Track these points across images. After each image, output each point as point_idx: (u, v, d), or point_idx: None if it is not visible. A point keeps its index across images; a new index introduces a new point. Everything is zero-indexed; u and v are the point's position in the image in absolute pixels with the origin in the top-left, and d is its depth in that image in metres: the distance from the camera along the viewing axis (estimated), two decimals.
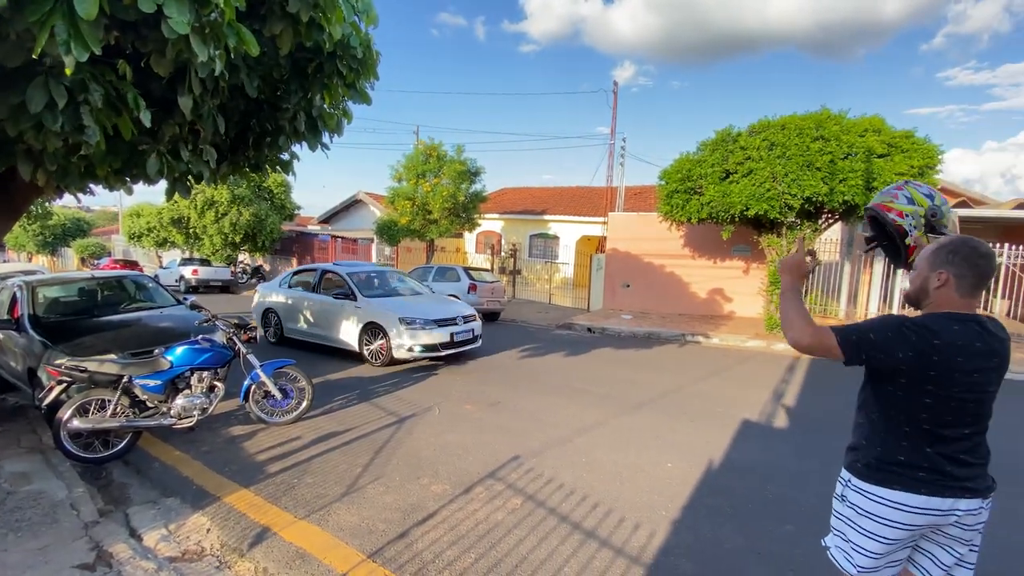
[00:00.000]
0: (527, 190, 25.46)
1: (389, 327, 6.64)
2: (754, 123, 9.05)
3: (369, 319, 6.85)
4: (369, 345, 6.88)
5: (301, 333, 7.80)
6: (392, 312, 6.77)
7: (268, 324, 8.30)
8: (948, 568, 1.60)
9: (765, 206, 8.48)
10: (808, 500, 3.33)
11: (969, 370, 1.46)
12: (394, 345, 6.58)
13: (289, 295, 8.04)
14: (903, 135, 8.37)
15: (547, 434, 4.40)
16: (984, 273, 1.51)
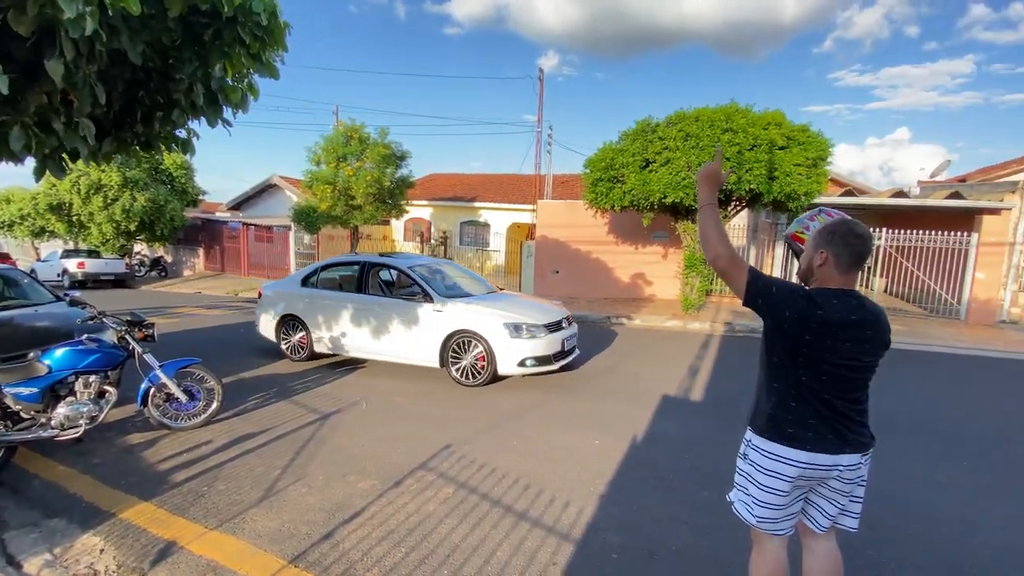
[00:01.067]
0: (457, 176, 25.13)
1: (491, 336, 5.28)
2: (671, 115, 9.48)
3: (457, 327, 5.43)
4: (458, 359, 5.46)
5: (345, 347, 6.11)
6: (492, 315, 5.40)
7: (288, 336, 6.45)
8: (834, 517, 1.78)
9: (681, 194, 8.96)
10: (724, 468, 3.57)
11: (845, 340, 1.61)
12: (499, 358, 5.27)
13: (319, 298, 6.29)
14: (800, 129, 9.15)
15: (479, 420, 4.39)
16: (859, 252, 1.66)
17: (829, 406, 1.64)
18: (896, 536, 2.73)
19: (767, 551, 1.80)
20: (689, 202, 9.07)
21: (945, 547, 2.67)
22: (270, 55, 3.38)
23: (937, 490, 3.30)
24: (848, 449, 1.66)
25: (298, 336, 6.42)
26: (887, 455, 3.81)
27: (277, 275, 18.26)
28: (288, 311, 6.47)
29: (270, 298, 6.76)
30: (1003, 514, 3.02)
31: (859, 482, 1.75)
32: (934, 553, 2.61)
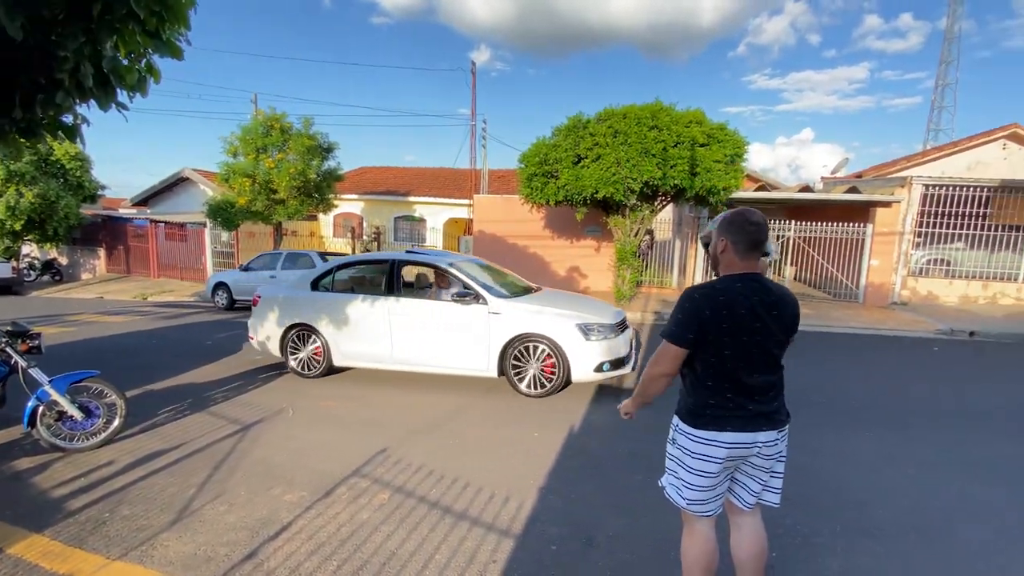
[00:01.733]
0: (390, 170, 24.45)
1: (562, 339, 4.78)
2: (600, 112, 9.72)
3: (521, 330, 4.85)
4: (521, 368, 4.92)
5: (375, 358, 5.37)
6: (560, 316, 4.89)
7: (298, 349, 5.60)
8: (758, 493, 1.89)
9: (612, 189, 9.22)
10: (655, 452, 3.72)
11: (752, 321, 1.71)
12: (573, 364, 4.77)
13: (338, 303, 5.46)
14: (718, 127, 9.67)
15: (416, 421, 4.29)
16: (755, 238, 1.78)
17: (744, 386, 1.74)
18: (811, 506, 2.95)
19: (697, 532, 1.88)
20: (619, 197, 9.36)
21: (855, 513, 2.92)
22: (171, 33, 3.06)
23: (846, 461, 3.61)
24: (765, 426, 1.77)
25: (311, 348, 5.55)
26: (801, 430, 4.14)
27: (192, 276, 16.91)
28: (297, 320, 5.55)
29: (271, 305, 5.76)
30: (904, 481, 3.36)
31: (778, 458, 1.86)
32: (844, 519, 2.84)
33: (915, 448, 3.84)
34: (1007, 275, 11.34)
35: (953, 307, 11.06)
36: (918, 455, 3.70)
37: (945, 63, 28.88)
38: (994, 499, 3.05)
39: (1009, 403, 4.99)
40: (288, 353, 5.67)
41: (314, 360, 5.59)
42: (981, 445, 3.89)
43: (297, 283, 5.93)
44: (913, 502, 3.03)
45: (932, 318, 9.67)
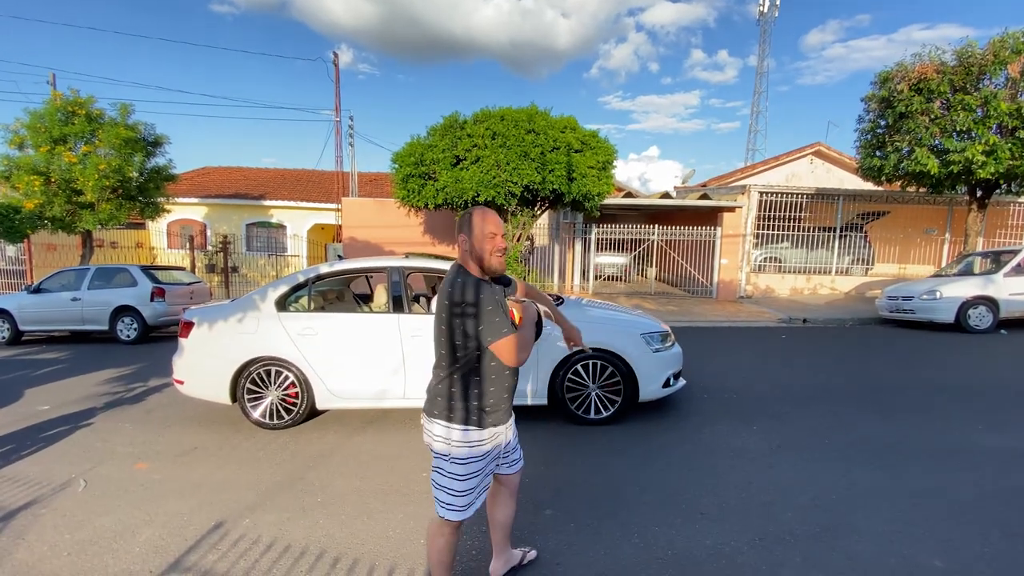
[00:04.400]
0: (240, 171, 21.62)
1: (630, 352, 4.18)
2: (478, 112, 9.38)
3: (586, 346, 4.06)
4: (579, 389, 4.22)
5: (383, 394, 4.17)
6: (623, 325, 4.39)
7: (261, 392, 4.23)
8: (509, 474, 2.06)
9: (493, 192, 8.90)
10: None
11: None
12: (643, 380, 4.20)
13: (325, 325, 4.20)
14: (591, 135, 9.92)
15: (269, 477, 3.37)
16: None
17: (505, 378, 1.84)
18: (725, 516, 2.76)
19: (452, 531, 1.86)
20: (501, 200, 9.07)
21: (764, 519, 2.78)
22: None
23: (741, 457, 3.56)
24: (505, 418, 1.92)
25: (280, 391, 4.23)
26: (691, 425, 4.09)
27: None
28: (261, 352, 4.18)
29: (214, 334, 4.27)
30: (798, 475, 3.37)
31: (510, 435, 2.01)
32: (758, 527, 2.68)
33: (798, 437, 3.97)
34: (822, 268, 13.41)
35: (786, 298, 12.73)
36: (802, 444, 3.82)
37: (757, 93, 34.29)
38: (879, 484, 3.17)
39: (853, 382, 5.57)
40: (244, 398, 4.22)
41: (287, 404, 4.24)
42: (849, 428, 4.16)
43: (253, 302, 4.37)
44: (811, 498, 3.02)
45: (772, 309, 10.96)
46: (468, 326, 1.70)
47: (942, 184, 10.36)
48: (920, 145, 9.82)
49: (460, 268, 1.81)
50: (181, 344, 4.39)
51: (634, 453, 3.69)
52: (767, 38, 34.73)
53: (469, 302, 1.71)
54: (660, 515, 2.82)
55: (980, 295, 8.30)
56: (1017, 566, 2.36)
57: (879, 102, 10.62)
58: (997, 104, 9.20)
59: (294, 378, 4.19)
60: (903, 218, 13.79)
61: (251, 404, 4.22)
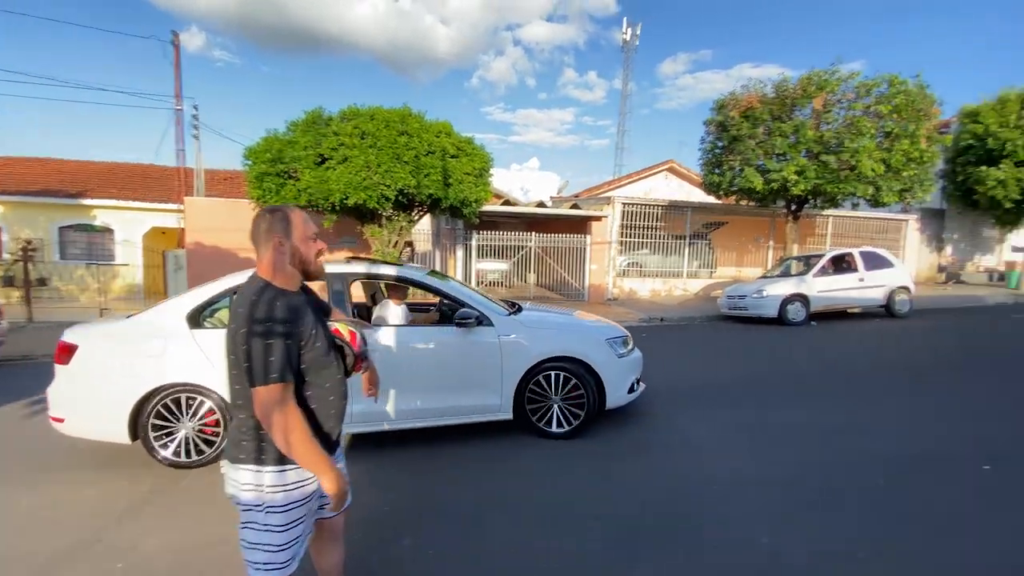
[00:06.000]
0: (54, 163, 17.93)
1: (596, 358, 4.07)
2: (345, 109, 8.80)
3: (546, 353, 3.98)
4: (540, 401, 4.02)
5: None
6: (584, 331, 4.34)
7: (173, 424, 3.48)
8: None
9: (364, 195, 8.39)
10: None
11: (311, 324, 1.52)
12: (609, 386, 4.08)
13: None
14: (466, 141, 9.86)
15: (54, 542, 2.65)
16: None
17: (331, 404, 1.61)
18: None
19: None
20: (373, 205, 8.59)
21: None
22: None
23: (589, 457, 3.65)
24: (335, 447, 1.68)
25: (197, 421, 3.53)
26: (608, 441, 4.14)
27: None
28: (171, 379, 3.46)
29: (106, 358, 3.49)
30: (650, 470, 3.53)
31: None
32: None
33: (723, 433, 4.18)
34: (676, 272, 14.90)
35: (647, 300, 13.91)
36: (731, 441, 4.04)
37: (622, 114, 37.42)
38: (830, 478, 3.35)
39: (721, 378, 6.14)
40: (151, 434, 3.46)
41: (206, 437, 3.55)
42: (759, 416, 4.50)
43: (156, 318, 3.62)
44: (669, 492, 3.16)
45: (636, 310, 11.87)
46: (275, 350, 1.39)
47: (766, 199, 12.14)
48: (748, 165, 11.40)
49: (262, 280, 1.49)
50: (59, 372, 3.52)
51: (501, 470, 3.60)
52: (630, 64, 38.13)
53: (280, 319, 1.42)
54: (531, 531, 2.73)
55: (795, 293, 9.81)
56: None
57: (716, 126, 12.13)
58: (805, 132, 11.02)
59: (214, 406, 3.54)
60: (738, 228, 15.91)
61: (159, 441, 3.49)
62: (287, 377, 1.40)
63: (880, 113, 10.92)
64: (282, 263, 1.52)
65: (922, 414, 4.58)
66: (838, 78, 11.15)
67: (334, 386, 1.58)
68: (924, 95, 11.27)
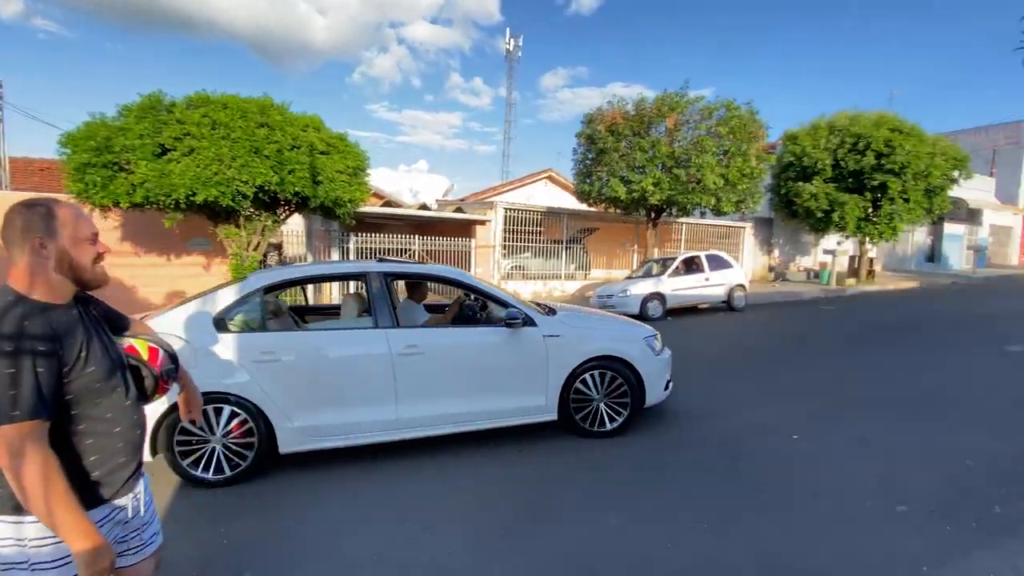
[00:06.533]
0: None
1: (637, 357, 4.13)
2: (192, 95, 7.89)
3: (592, 353, 3.98)
4: (585, 401, 4.01)
5: (368, 427, 3.50)
6: (625, 330, 4.42)
7: (199, 439, 3.25)
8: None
9: (215, 192, 7.57)
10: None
11: (80, 340, 1.31)
12: (649, 384, 4.13)
13: (290, 345, 3.46)
14: (338, 137, 9.39)
15: None
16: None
17: (121, 432, 1.38)
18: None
19: None
20: (227, 202, 7.80)
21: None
22: None
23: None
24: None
25: (226, 431, 3.28)
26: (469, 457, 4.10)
27: None
28: (206, 389, 2.89)
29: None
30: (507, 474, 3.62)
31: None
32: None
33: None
34: (555, 275, 15.66)
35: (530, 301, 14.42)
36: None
37: (507, 122, 38.55)
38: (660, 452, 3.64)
39: None
40: (175, 449, 3.26)
41: (233, 450, 3.37)
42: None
43: (180, 323, 3.37)
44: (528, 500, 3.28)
45: None
46: (22, 379, 1.13)
47: (629, 207, 13.27)
48: (613, 175, 12.39)
49: (12, 292, 1.23)
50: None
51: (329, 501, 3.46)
52: (513, 74, 39.41)
53: (30, 339, 1.16)
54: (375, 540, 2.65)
55: (654, 292, 10.85)
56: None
57: (586, 139, 13.02)
58: (660, 148, 12.25)
59: (247, 416, 3.35)
60: (609, 233, 17.20)
61: (186, 458, 3.28)
62: (40, 412, 1.15)
63: (720, 134, 12.54)
64: (43, 270, 1.26)
65: (749, 394, 5.32)
66: (686, 101, 12.59)
67: (119, 415, 1.34)
68: (754, 120, 13.16)
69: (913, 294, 15.96)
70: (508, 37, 36.91)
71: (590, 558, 2.51)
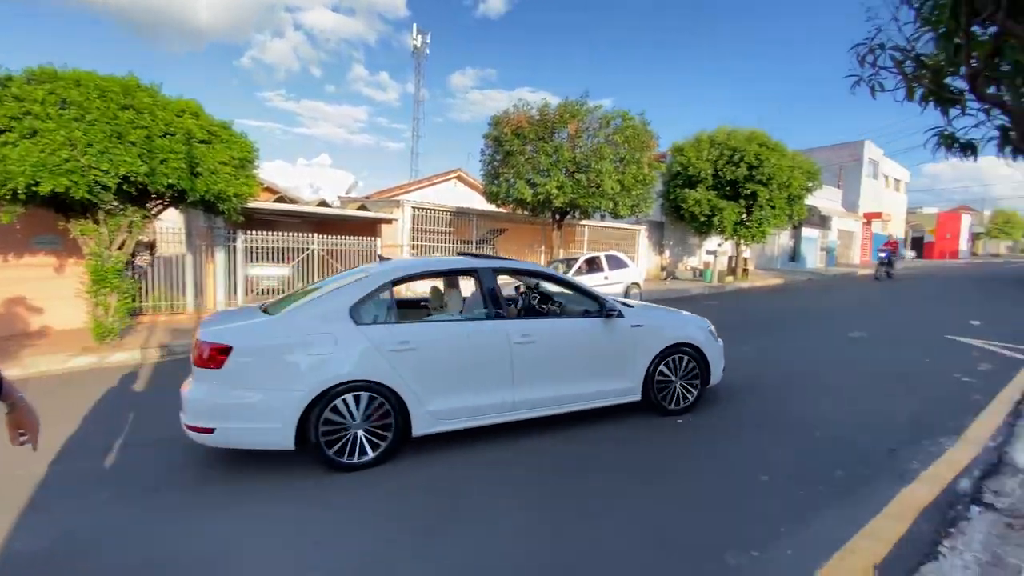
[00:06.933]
0: None
1: (704, 343, 4.76)
2: (34, 69, 6.74)
3: (670, 341, 4.56)
4: (666, 382, 4.56)
5: (487, 410, 3.89)
6: (691, 319, 4.98)
7: (342, 424, 3.47)
8: None
9: (66, 181, 6.53)
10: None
11: None
12: (713, 367, 4.77)
13: (423, 336, 3.74)
14: (221, 126, 8.57)
15: None
16: None
17: None
18: None
19: None
20: (81, 194, 6.76)
21: None
22: None
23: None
24: None
25: (362, 421, 3.53)
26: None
27: None
28: (346, 377, 3.43)
29: (270, 358, 3.36)
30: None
31: None
32: None
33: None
34: None
35: None
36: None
37: (416, 119, 37.79)
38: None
39: None
40: (320, 433, 3.38)
41: (375, 435, 3.56)
42: None
43: (316, 314, 3.56)
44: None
45: None
46: None
47: (536, 209, 13.63)
48: (520, 178, 12.64)
49: None
50: (206, 377, 3.28)
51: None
52: (421, 71, 38.71)
53: None
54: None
55: None
56: None
57: (493, 140, 13.15)
58: (563, 153, 12.72)
59: (384, 401, 3.58)
60: (517, 234, 17.52)
61: (329, 440, 3.45)
62: None
63: (616, 142, 13.31)
64: None
65: None
66: (586, 109, 13.21)
67: None
68: (646, 130, 14.14)
69: (779, 289, 18.19)
70: (415, 33, 36.27)
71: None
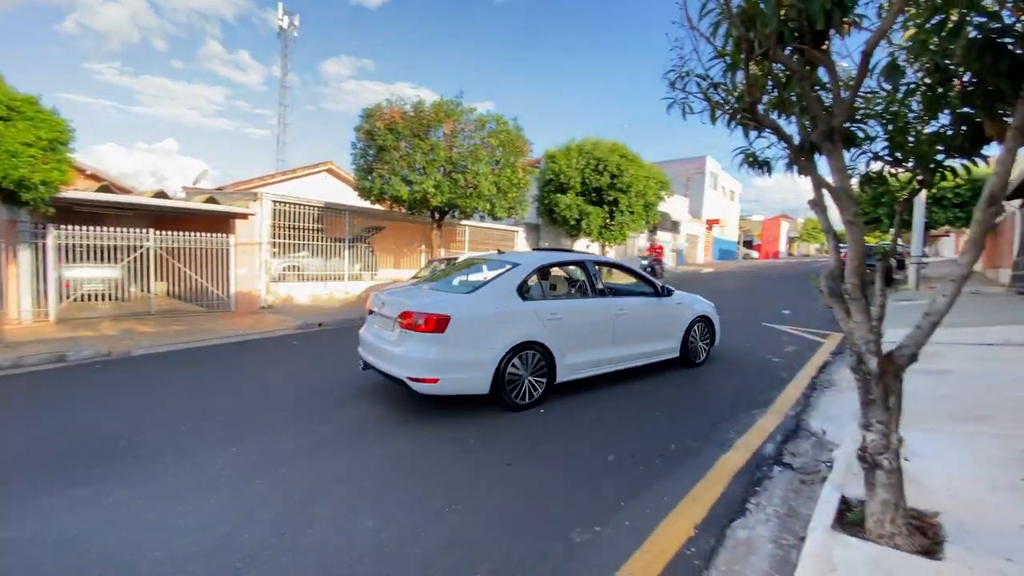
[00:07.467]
0: None
1: (714, 318, 6.90)
2: None
3: (696, 314, 6.58)
4: (692, 343, 6.56)
5: (598, 363, 5.48)
6: (706, 302, 7.00)
7: (518, 374, 4.77)
8: None
9: None
10: None
11: None
12: (717, 335, 6.98)
13: (567, 312, 5.22)
14: (25, 99, 7.16)
15: None
16: None
17: None
18: None
19: None
20: None
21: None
22: None
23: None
24: None
25: (532, 370, 4.86)
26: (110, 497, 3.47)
27: None
28: (523, 337, 4.77)
29: (477, 326, 4.60)
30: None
31: None
32: None
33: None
34: (338, 275, 14.82)
35: (307, 305, 13.32)
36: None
37: (282, 106, 34.76)
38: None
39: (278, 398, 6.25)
40: (506, 382, 4.66)
41: (536, 383, 4.89)
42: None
43: (494, 292, 4.90)
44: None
45: (291, 316, 11.20)
46: None
47: (413, 207, 13.43)
48: (395, 174, 12.35)
49: None
50: (430, 340, 4.39)
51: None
52: (288, 54, 35.66)
53: None
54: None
55: None
56: None
57: (366, 134, 12.66)
58: (439, 152, 12.69)
59: (543, 358, 4.88)
60: (396, 233, 17.09)
61: (512, 387, 4.69)
62: None
63: (491, 145, 13.65)
64: None
65: None
66: (461, 110, 13.33)
67: None
68: (520, 136, 14.70)
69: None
70: (282, 13, 33.38)
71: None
